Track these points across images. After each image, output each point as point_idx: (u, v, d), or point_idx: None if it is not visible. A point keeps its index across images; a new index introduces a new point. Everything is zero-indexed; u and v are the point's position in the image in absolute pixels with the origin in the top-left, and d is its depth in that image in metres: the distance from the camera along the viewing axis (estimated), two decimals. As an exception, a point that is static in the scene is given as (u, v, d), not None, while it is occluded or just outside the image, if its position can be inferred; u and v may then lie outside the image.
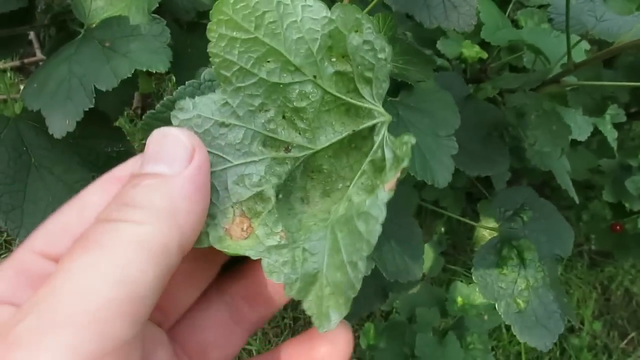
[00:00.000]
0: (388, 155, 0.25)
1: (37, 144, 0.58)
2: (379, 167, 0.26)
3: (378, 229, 0.21)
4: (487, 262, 0.57)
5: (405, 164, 0.23)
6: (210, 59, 0.26)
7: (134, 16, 0.56)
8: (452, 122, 0.51)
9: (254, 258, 0.25)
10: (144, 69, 0.51)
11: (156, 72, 0.51)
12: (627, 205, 0.99)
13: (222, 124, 0.26)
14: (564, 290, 0.59)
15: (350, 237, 0.23)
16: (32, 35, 1.26)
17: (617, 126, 0.93)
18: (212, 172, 0.25)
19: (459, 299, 1.02)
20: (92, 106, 0.47)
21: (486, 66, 0.79)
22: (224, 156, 0.26)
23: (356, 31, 0.25)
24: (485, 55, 0.77)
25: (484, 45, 0.89)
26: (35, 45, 1.30)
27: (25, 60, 1.11)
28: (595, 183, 1.23)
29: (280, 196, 0.27)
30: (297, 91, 0.26)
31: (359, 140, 0.27)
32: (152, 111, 0.39)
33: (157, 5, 0.52)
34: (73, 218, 0.22)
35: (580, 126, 0.77)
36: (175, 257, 0.20)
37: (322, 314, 0.22)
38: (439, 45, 0.83)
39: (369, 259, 0.21)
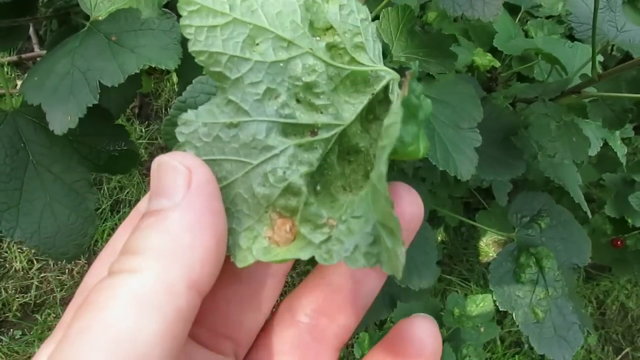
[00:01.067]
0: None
1: (35, 141, 0.56)
2: None
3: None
4: (504, 269, 0.56)
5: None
6: (197, 60, 0.23)
7: (144, 10, 0.54)
8: (474, 114, 0.49)
9: (305, 258, 0.22)
10: (153, 65, 0.49)
11: (156, 71, 0.49)
12: (629, 220, 0.99)
13: (231, 125, 0.24)
14: (582, 301, 0.57)
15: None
16: (30, 30, 1.22)
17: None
18: (234, 182, 0.23)
19: (456, 311, 1.00)
20: (95, 102, 0.45)
21: (497, 75, 0.79)
22: (243, 159, 0.24)
23: (327, 1, 0.24)
24: (498, 63, 0.76)
25: (492, 54, 0.88)
26: (34, 40, 1.26)
27: (23, 56, 1.07)
28: (595, 197, 1.23)
29: (319, 188, 0.25)
30: (300, 66, 0.24)
31: (378, 108, 0.25)
32: (167, 117, 0.38)
33: (168, -1, 0.50)
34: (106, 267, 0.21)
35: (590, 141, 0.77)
36: (187, 298, 0.19)
37: (395, 261, 0.19)
38: (450, 53, 0.82)
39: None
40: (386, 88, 0.25)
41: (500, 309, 0.55)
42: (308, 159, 0.24)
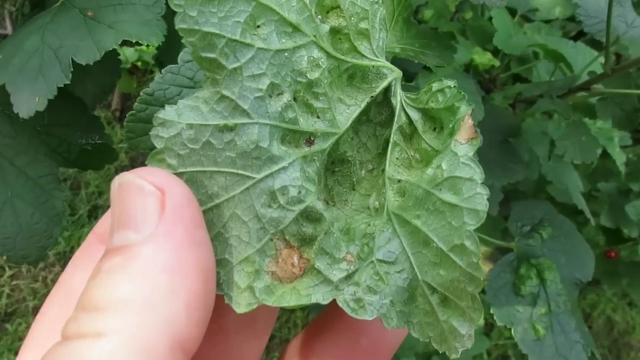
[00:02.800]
0: (414, 115, 0.22)
1: (-3, 129, 0.50)
2: (408, 134, 0.22)
3: (480, 190, 0.18)
4: (502, 280, 0.51)
5: (464, 108, 0.20)
6: (184, 41, 0.19)
7: (123, -16, 0.49)
8: (475, 110, 0.45)
9: (325, 302, 0.19)
10: (133, 41, 0.45)
11: (138, 70, 0.45)
12: (625, 231, 0.96)
13: (225, 127, 0.19)
14: (582, 318, 0.53)
15: (436, 218, 0.18)
16: (6, 16, 1.15)
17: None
18: (229, 200, 0.19)
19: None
20: (67, 82, 0.41)
21: (495, 76, 0.75)
22: (242, 172, 0.19)
23: None
24: (497, 63, 0.73)
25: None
26: (9, 30, 1.19)
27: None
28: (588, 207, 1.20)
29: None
30: (305, 59, 0.20)
31: (373, 110, 0.23)
32: (132, 112, 0.33)
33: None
34: (61, 314, 0.18)
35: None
36: (171, 357, 0.15)
37: (445, 334, 0.18)
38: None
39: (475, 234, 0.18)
40: (387, 89, 0.22)
41: (499, 324, 0.51)
42: (311, 176, 0.20)
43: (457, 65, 0.77)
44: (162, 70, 0.30)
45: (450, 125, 0.20)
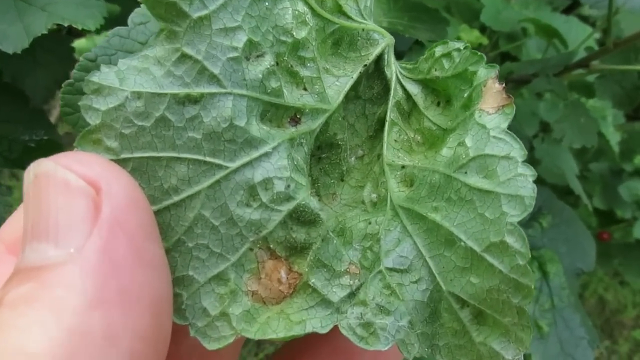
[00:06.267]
0: (412, 88, 0.18)
1: None
2: (406, 111, 0.18)
3: (522, 170, 0.14)
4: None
5: (484, 72, 0.17)
6: None
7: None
8: None
9: (324, 331, 0.15)
10: (66, 25, 0.40)
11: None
12: (618, 212, 0.94)
13: (187, 98, 0.14)
14: (584, 311, 0.50)
15: (461, 210, 0.15)
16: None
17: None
18: (192, 197, 0.14)
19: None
20: None
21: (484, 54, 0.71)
22: (209, 159, 0.15)
23: None
24: (486, 40, 0.69)
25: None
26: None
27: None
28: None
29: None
30: (290, 12, 0.16)
31: (363, 84, 0.19)
32: (69, 81, 0.28)
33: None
34: None
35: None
36: None
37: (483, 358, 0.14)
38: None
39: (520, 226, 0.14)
40: (379, 58, 0.18)
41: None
42: (300, 163, 0.16)
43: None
44: (109, 33, 0.25)
45: (465, 95, 0.16)
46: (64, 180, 0.12)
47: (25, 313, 0.10)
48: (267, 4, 0.15)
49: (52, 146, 0.51)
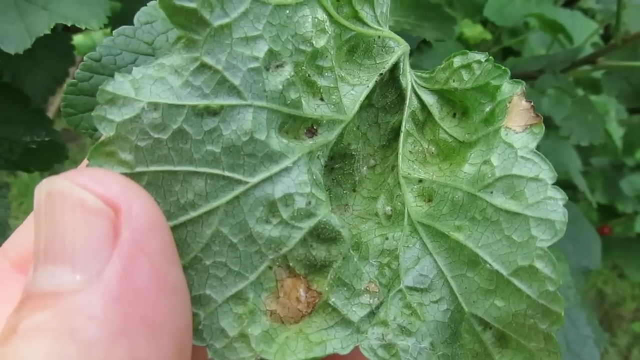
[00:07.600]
0: (428, 98, 0.18)
1: None
2: (421, 122, 0.18)
3: (552, 193, 0.14)
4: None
5: (508, 87, 0.16)
6: None
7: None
8: None
9: (344, 352, 0.14)
10: (69, 24, 0.40)
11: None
12: (620, 207, 0.94)
13: (207, 110, 0.14)
14: (591, 309, 0.50)
15: (486, 230, 0.14)
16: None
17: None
18: (210, 213, 0.14)
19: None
20: None
21: (487, 50, 0.70)
22: (228, 174, 0.14)
23: None
24: (489, 36, 0.68)
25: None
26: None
27: None
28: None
29: None
30: (309, 20, 0.15)
31: (377, 92, 0.18)
32: (72, 81, 0.27)
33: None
34: None
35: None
36: None
37: None
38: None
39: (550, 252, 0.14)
40: (394, 67, 0.18)
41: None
42: (318, 178, 0.16)
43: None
44: (114, 32, 0.24)
45: (487, 110, 0.16)
46: (80, 201, 0.11)
47: (41, 346, 0.10)
48: (287, 11, 0.15)
49: (54, 147, 0.50)
